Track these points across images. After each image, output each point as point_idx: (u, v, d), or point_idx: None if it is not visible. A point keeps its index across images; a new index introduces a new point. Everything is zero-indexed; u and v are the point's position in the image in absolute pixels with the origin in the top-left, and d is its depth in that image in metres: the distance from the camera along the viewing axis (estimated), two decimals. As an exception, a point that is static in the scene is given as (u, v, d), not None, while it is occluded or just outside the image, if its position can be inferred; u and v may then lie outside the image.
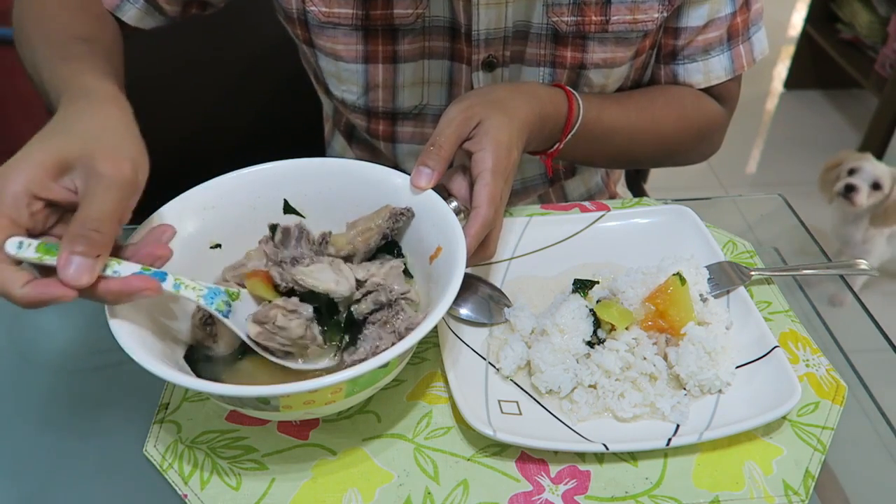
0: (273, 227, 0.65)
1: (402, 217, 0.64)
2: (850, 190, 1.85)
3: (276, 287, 0.60)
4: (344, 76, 0.82)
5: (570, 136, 0.76)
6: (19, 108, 1.58)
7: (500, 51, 0.79)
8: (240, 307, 0.58)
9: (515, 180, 0.94)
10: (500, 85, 0.80)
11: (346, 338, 0.60)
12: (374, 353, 0.57)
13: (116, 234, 0.50)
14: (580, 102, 0.76)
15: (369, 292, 0.61)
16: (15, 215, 0.48)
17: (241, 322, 0.58)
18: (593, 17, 0.76)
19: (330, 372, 0.53)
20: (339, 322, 0.60)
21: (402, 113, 0.86)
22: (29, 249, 0.48)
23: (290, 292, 0.60)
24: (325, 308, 0.60)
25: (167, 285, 0.53)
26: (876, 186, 1.85)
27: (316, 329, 0.59)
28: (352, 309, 0.60)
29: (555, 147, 0.77)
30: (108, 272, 0.51)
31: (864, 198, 1.84)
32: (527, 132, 0.69)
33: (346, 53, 0.80)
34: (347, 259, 0.64)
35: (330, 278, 0.59)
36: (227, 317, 0.57)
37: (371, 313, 0.60)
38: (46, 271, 0.49)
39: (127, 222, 0.52)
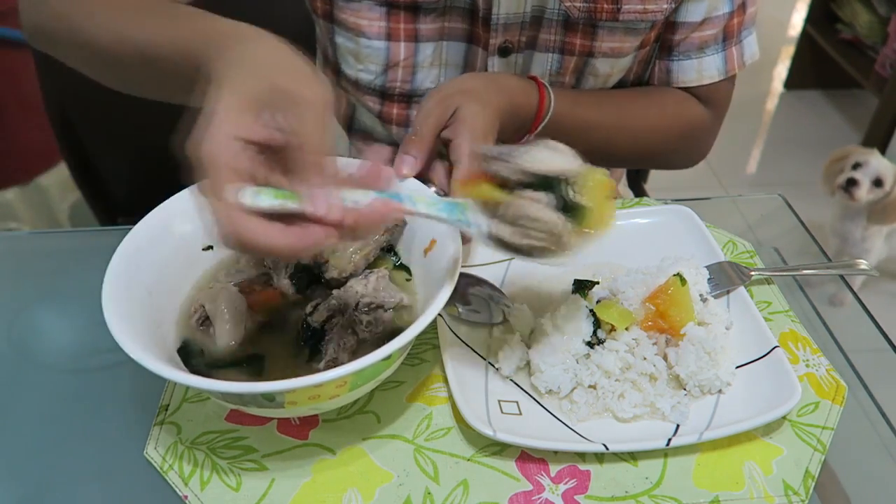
0: None
1: (397, 228, 0.65)
2: (851, 184, 1.85)
3: (502, 186, 0.55)
4: (364, 53, 0.82)
5: (540, 126, 0.78)
6: (19, 108, 1.58)
7: (516, 36, 0.80)
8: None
9: None
10: (474, 75, 0.81)
11: (307, 350, 0.60)
12: (344, 350, 0.58)
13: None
14: (551, 95, 0.77)
15: (321, 301, 0.61)
16: (234, 164, 0.44)
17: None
18: (605, 6, 0.77)
19: None
20: (580, 205, 0.54)
21: (418, 95, 0.86)
22: (266, 197, 0.44)
23: (516, 188, 0.54)
24: (564, 191, 0.54)
25: (407, 204, 0.50)
26: (878, 183, 1.85)
27: (562, 216, 0.53)
28: (308, 319, 0.60)
29: (525, 138, 0.78)
30: (348, 203, 0.47)
31: (864, 192, 1.84)
32: (500, 120, 0.71)
33: (368, 29, 0.80)
34: (349, 277, 0.64)
35: (555, 158, 0.55)
36: (469, 227, 0.53)
37: (327, 320, 0.60)
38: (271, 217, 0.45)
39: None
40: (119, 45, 0.61)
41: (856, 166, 1.87)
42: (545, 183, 0.54)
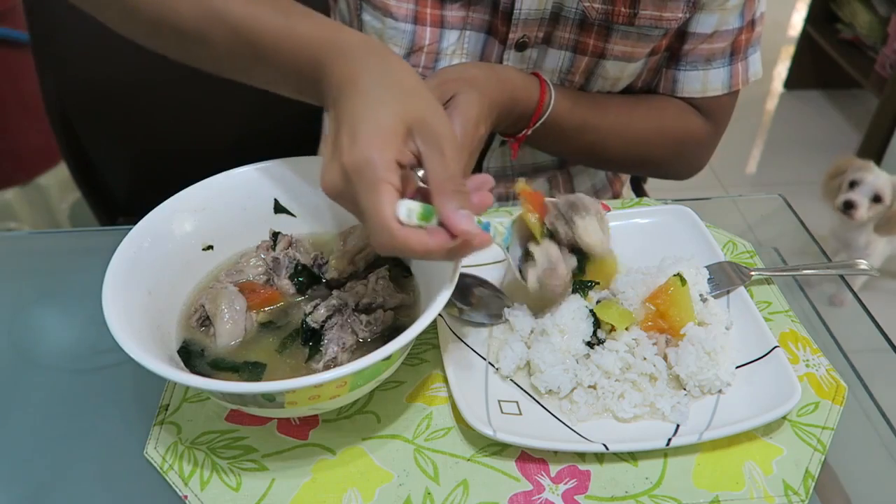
0: (275, 235, 0.66)
1: None
2: (849, 207, 1.84)
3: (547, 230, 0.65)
4: (388, 34, 0.82)
5: (538, 123, 0.78)
6: (19, 108, 1.58)
7: (534, 31, 0.80)
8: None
9: (526, 165, 0.95)
10: (477, 64, 0.81)
11: (307, 350, 0.60)
12: (344, 350, 0.58)
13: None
14: (552, 92, 0.78)
15: (321, 301, 0.61)
16: (392, 181, 0.50)
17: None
18: (622, 9, 0.77)
19: None
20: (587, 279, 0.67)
21: None
22: (412, 216, 0.50)
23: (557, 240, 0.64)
24: (587, 265, 0.67)
25: (491, 233, 0.56)
26: (876, 199, 1.83)
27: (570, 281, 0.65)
28: (307, 319, 0.60)
29: (523, 132, 0.79)
30: None
31: (863, 212, 1.83)
32: (496, 111, 0.71)
33: (396, 10, 0.80)
34: (350, 278, 0.64)
35: (598, 237, 0.65)
36: (508, 252, 0.61)
37: (326, 320, 0.60)
38: None
39: None
40: (210, 24, 0.60)
41: (852, 184, 1.85)
42: (579, 250, 0.65)
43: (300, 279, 0.64)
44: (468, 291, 0.69)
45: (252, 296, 0.63)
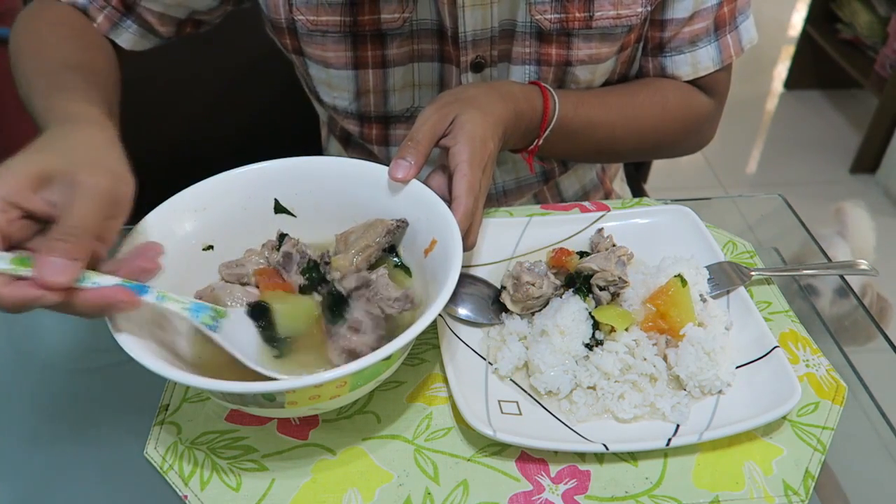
0: (281, 237, 0.66)
1: (399, 229, 0.65)
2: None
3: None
4: (334, 83, 0.83)
5: (547, 131, 0.77)
6: (19, 108, 1.58)
7: (487, 51, 0.80)
8: (227, 323, 0.57)
9: (509, 179, 0.95)
10: (473, 84, 0.81)
11: (330, 314, 0.59)
12: (369, 316, 0.58)
13: (94, 247, 0.50)
14: (555, 98, 0.77)
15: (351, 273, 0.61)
16: None
17: (231, 337, 0.56)
18: (576, 14, 0.77)
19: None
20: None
21: (394, 116, 0.86)
22: (2, 260, 0.48)
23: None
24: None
25: (149, 297, 0.53)
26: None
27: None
28: (335, 284, 0.60)
29: (534, 144, 0.78)
30: (87, 283, 0.50)
31: None
32: (502, 127, 0.70)
33: (335, 60, 0.80)
34: None
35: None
36: (214, 331, 0.56)
37: (355, 289, 0.60)
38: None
39: (112, 244, 0.52)
40: (29, 104, 0.71)
41: None
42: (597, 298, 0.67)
43: (313, 275, 0.64)
44: (467, 291, 0.69)
45: (265, 280, 0.62)
